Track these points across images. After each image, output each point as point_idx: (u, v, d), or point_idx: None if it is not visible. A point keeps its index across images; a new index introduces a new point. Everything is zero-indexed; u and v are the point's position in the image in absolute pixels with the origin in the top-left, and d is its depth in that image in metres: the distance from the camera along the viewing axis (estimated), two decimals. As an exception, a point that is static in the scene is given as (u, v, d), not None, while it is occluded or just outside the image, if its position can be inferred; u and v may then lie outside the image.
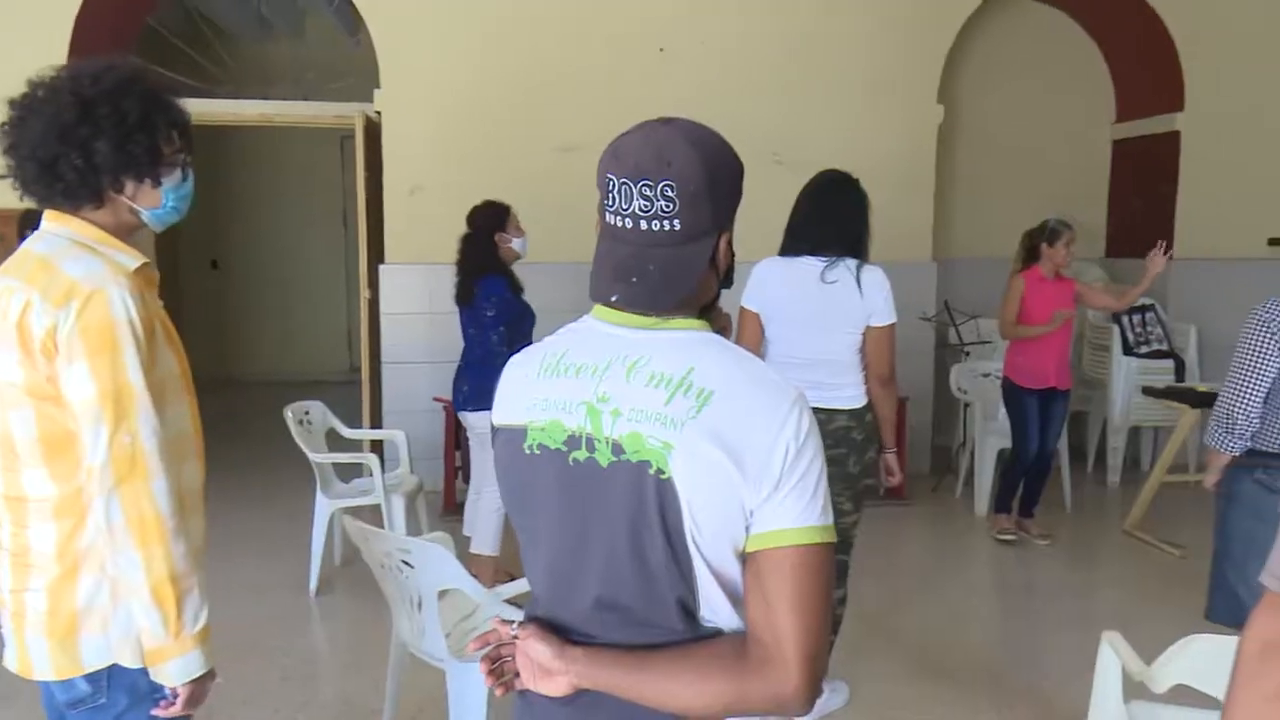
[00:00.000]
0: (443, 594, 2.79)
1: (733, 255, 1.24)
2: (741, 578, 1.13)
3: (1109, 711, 2.31)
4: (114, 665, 1.59)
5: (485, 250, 3.96)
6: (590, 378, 1.17)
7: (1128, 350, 6.08)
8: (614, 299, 1.18)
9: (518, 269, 4.11)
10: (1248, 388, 2.59)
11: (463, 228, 4.05)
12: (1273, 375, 2.56)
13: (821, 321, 2.89)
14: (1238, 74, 6.28)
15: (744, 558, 1.12)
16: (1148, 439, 6.44)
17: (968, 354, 5.93)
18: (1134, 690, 2.25)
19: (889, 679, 3.49)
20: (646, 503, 1.10)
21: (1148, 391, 5.43)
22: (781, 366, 2.93)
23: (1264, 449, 2.57)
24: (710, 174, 1.14)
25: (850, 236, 2.91)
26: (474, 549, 4.05)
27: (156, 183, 1.63)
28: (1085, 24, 6.81)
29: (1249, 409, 2.60)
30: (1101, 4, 6.51)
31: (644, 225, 1.15)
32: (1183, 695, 2.10)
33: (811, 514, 1.10)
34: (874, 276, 2.88)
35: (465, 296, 3.98)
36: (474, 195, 4.17)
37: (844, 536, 3.05)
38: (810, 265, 2.90)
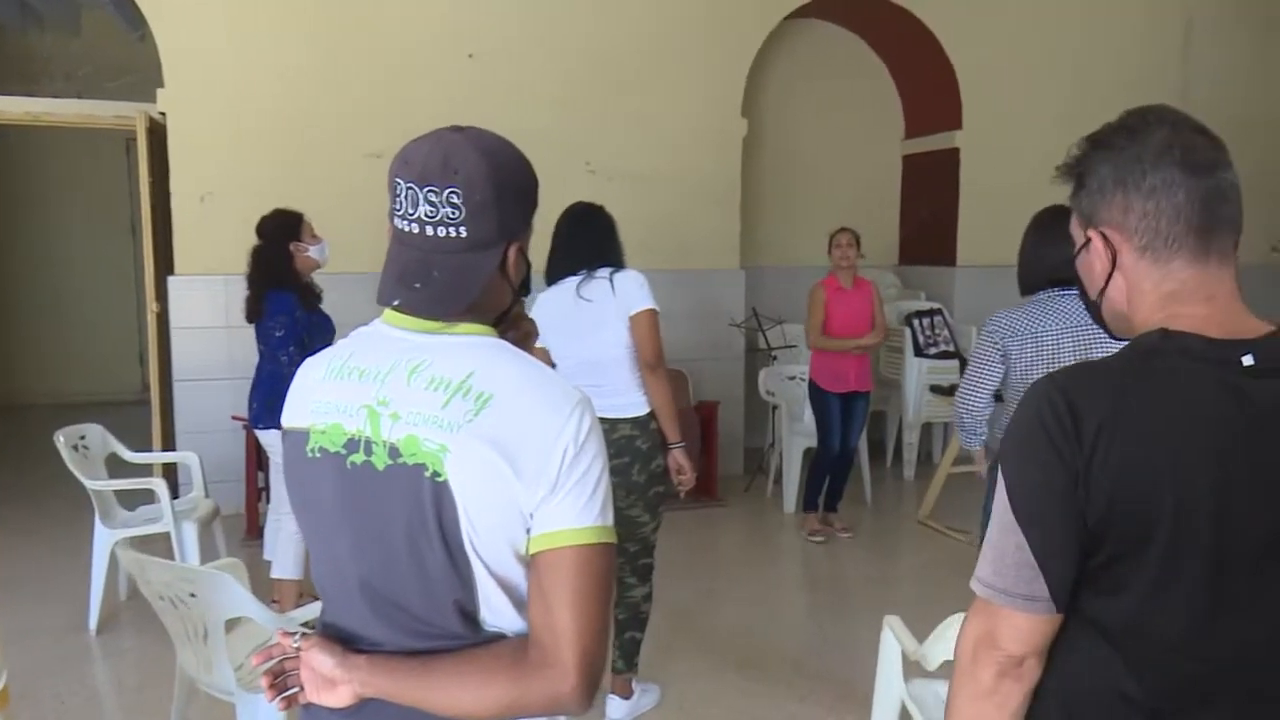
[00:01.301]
0: (234, 624, 2.64)
1: (528, 264, 1.26)
2: (525, 580, 1.14)
3: (891, 690, 2.45)
4: None
5: (277, 262, 3.77)
6: (372, 381, 1.17)
7: (919, 352, 6.49)
8: (397, 303, 1.18)
9: (323, 276, 3.95)
10: (973, 391, 2.92)
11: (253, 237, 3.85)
12: (993, 379, 2.86)
13: (586, 324, 2.99)
14: (1007, 97, 6.86)
15: (528, 560, 1.13)
16: (939, 434, 6.91)
17: (775, 358, 6.18)
18: (917, 669, 2.40)
19: (698, 676, 3.58)
20: (423, 506, 1.11)
21: (935, 390, 5.83)
22: (571, 378, 3.01)
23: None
24: (499, 183, 1.16)
25: (599, 257, 3.03)
26: (275, 574, 3.85)
27: None
28: (875, 46, 7.26)
29: (973, 409, 2.93)
30: (888, 28, 6.96)
31: (430, 231, 1.15)
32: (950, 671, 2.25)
33: (589, 515, 1.11)
34: (627, 273, 3.01)
35: (254, 313, 3.78)
36: (274, 203, 3.98)
37: (643, 542, 3.11)
38: (565, 286, 3.05)
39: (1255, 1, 7.38)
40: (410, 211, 1.16)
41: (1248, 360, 1.07)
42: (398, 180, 1.16)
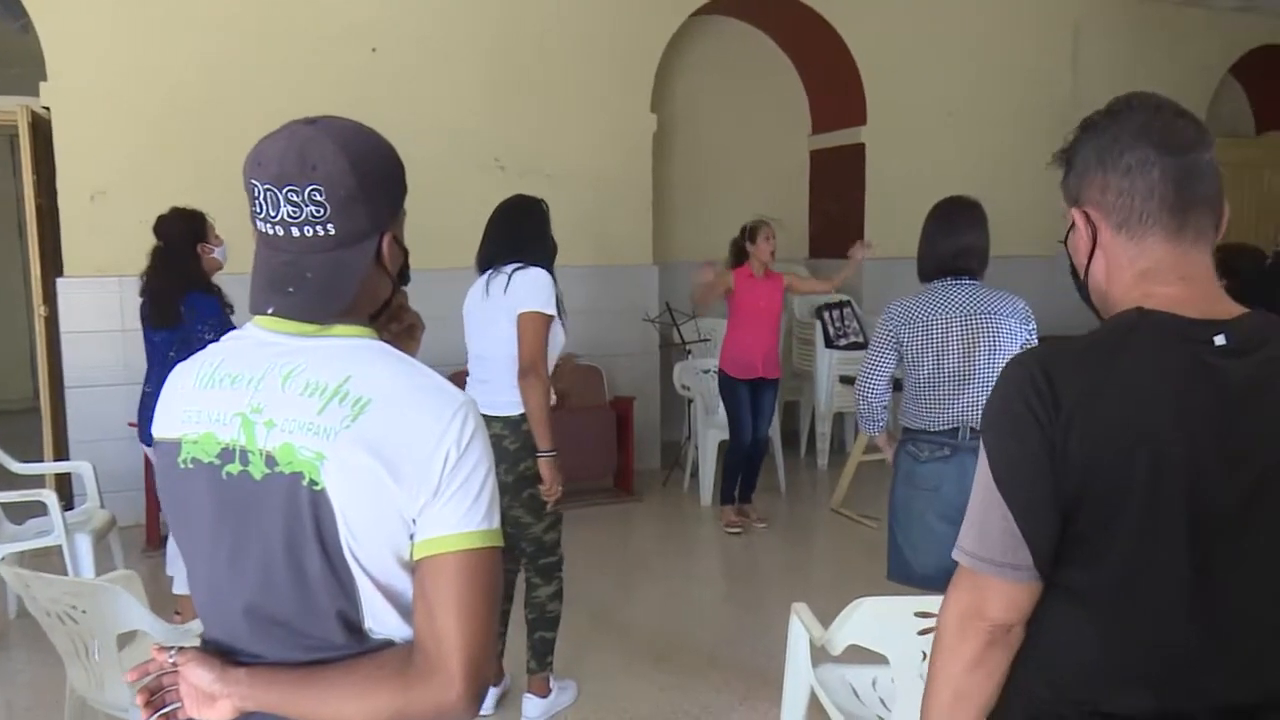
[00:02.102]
0: (131, 639, 2.54)
1: (405, 252, 1.22)
2: (411, 587, 1.12)
3: (799, 677, 2.49)
4: None
5: (186, 264, 3.63)
6: (245, 388, 1.13)
7: (829, 343, 6.62)
8: (270, 310, 1.14)
9: (221, 279, 3.81)
10: (867, 378, 2.98)
11: (151, 237, 3.70)
12: (888, 366, 2.93)
13: (485, 319, 3.02)
14: (909, 93, 7.03)
15: (412, 567, 1.11)
16: (851, 423, 7.05)
17: (689, 352, 6.22)
18: (826, 655, 2.44)
19: (615, 671, 3.58)
20: (301, 516, 1.08)
21: (845, 380, 5.94)
22: (470, 368, 3.08)
23: (911, 426, 2.91)
24: (361, 174, 1.12)
25: (528, 252, 3.02)
26: (176, 589, 3.71)
27: None
28: (781, 43, 7.36)
29: (870, 396, 2.98)
30: (793, 25, 7.06)
31: (296, 232, 1.11)
32: (861, 655, 2.29)
33: (473, 520, 1.09)
34: (527, 272, 2.95)
35: (170, 318, 3.61)
36: (169, 201, 3.82)
37: (537, 542, 3.06)
38: (483, 279, 3.08)
39: (1141, 7, 7.70)
40: (272, 214, 1.11)
41: (1220, 340, 1.11)
42: (254, 182, 1.12)
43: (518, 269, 2.97)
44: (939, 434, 2.87)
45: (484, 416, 3.03)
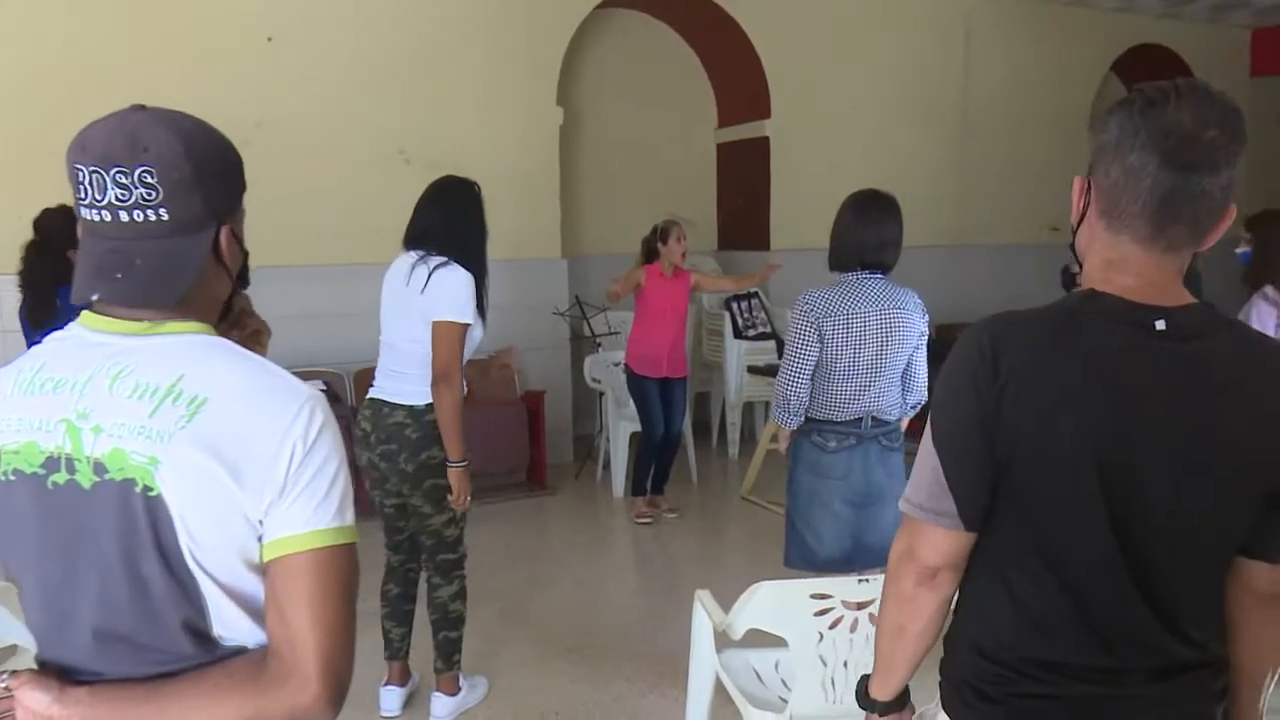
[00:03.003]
0: (10, 653, 2.43)
1: (244, 253, 1.18)
2: (263, 590, 1.08)
3: (704, 663, 2.54)
4: None
5: (62, 257, 3.49)
6: (70, 392, 1.07)
7: (738, 334, 6.71)
8: (95, 297, 1.08)
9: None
10: (796, 372, 2.93)
11: (25, 231, 3.55)
12: (814, 358, 2.91)
13: (396, 310, 2.97)
14: (811, 87, 7.17)
15: (263, 569, 1.07)
16: (761, 412, 7.16)
17: (600, 345, 6.23)
18: (732, 640, 2.48)
19: (526, 665, 3.58)
20: (137, 524, 1.03)
21: (753, 370, 6.04)
22: (381, 353, 3.02)
23: (815, 416, 2.96)
24: (196, 160, 1.07)
25: (455, 235, 2.94)
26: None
27: None
28: (686, 36, 7.41)
29: (799, 390, 2.93)
30: (697, 20, 7.12)
31: (125, 216, 1.05)
32: (761, 638, 2.33)
33: (323, 517, 1.06)
34: (448, 275, 2.85)
35: (47, 310, 3.47)
36: (41, 196, 3.66)
37: (437, 537, 3.02)
38: (408, 258, 2.96)
39: (1027, 6, 8.00)
40: (98, 198, 1.05)
41: (1160, 325, 1.18)
42: (78, 167, 1.05)
43: (441, 266, 2.86)
44: (845, 424, 2.93)
45: (390, 404, 2.97)
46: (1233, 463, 1.19)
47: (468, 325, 2.84)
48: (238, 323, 1.21)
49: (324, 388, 5.41)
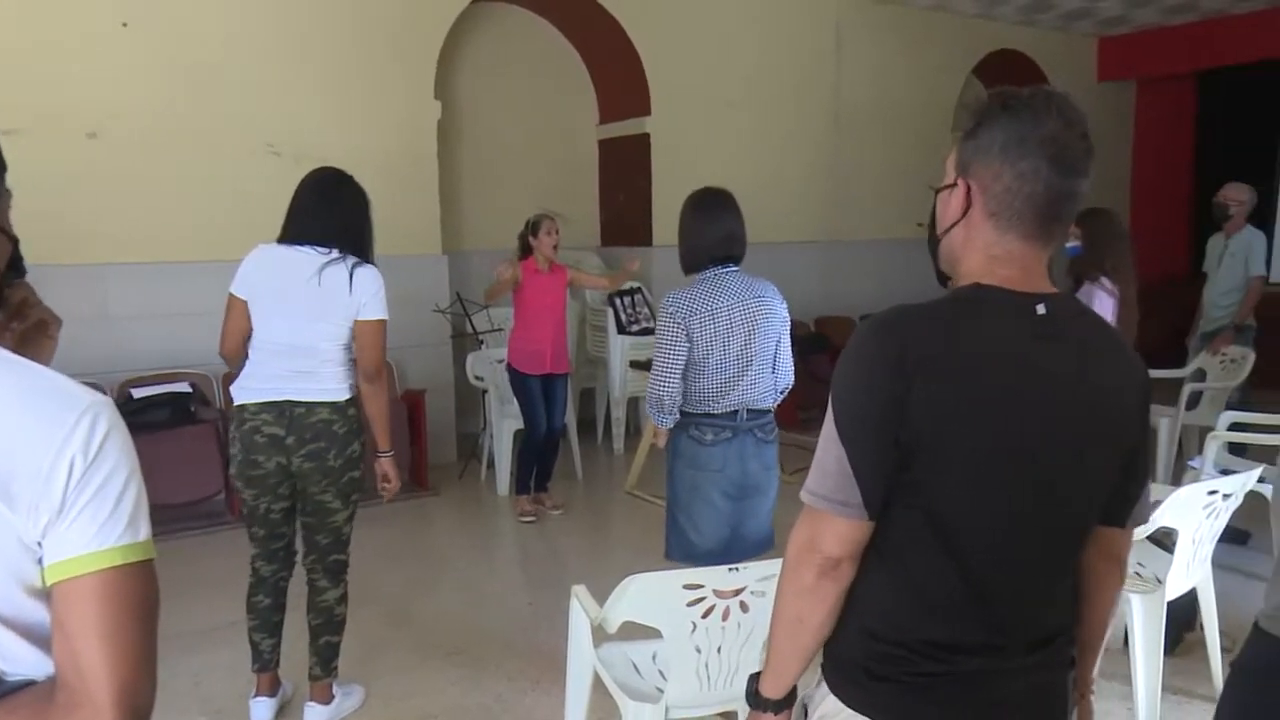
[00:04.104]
0: None
1: (13, 240, 1.08)
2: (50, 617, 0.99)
3: (582, 658, 2.55)
4: None
5: None
6: None
7: (621, 330, 6.76)
8: None
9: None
10: (667, 372, 2.98)
11: None
12: (684, 356, 2.96)
13: (309, 311, 2.85)
14: (690, 85, 7.27)
15: (48, 594, 0.98)
16: (645, 407, 7.22)
17: (483, 343, 6.17)
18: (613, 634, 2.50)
19: (406, 669, 3.53)
20: None
21: (636, 365, 6.09)
22: (263, 355, 2.87)
23: (693, 410, 3.01)
24: None
25: (354, 232, 2.90)
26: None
27: None
28: (566, 32, 7.40)
29: (671, 389, 2.99)
30: (576, 15, 7.12)
31: None
32: (640, 631, 2.36)
33: (111, 534, 0.98)
34: (367, 273, 2.88)
35: None
36: None
37: (335, 534, 3.02)
38: (309, 255, 2.85)
39: (892, 10, 8.30)
40: None
41: (1041, 309, 1.26)
42: None
43: (358, 265, 2.86)
44: (721, 417, 2.99)
45: (309, 403, 2.90)
46: (1104, 437, 1.29)
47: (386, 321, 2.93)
48: (18, 313, 1.10)
49: (190, 389, 5.20)
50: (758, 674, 1.40)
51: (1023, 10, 8.59)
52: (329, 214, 2.86)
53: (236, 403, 2.91)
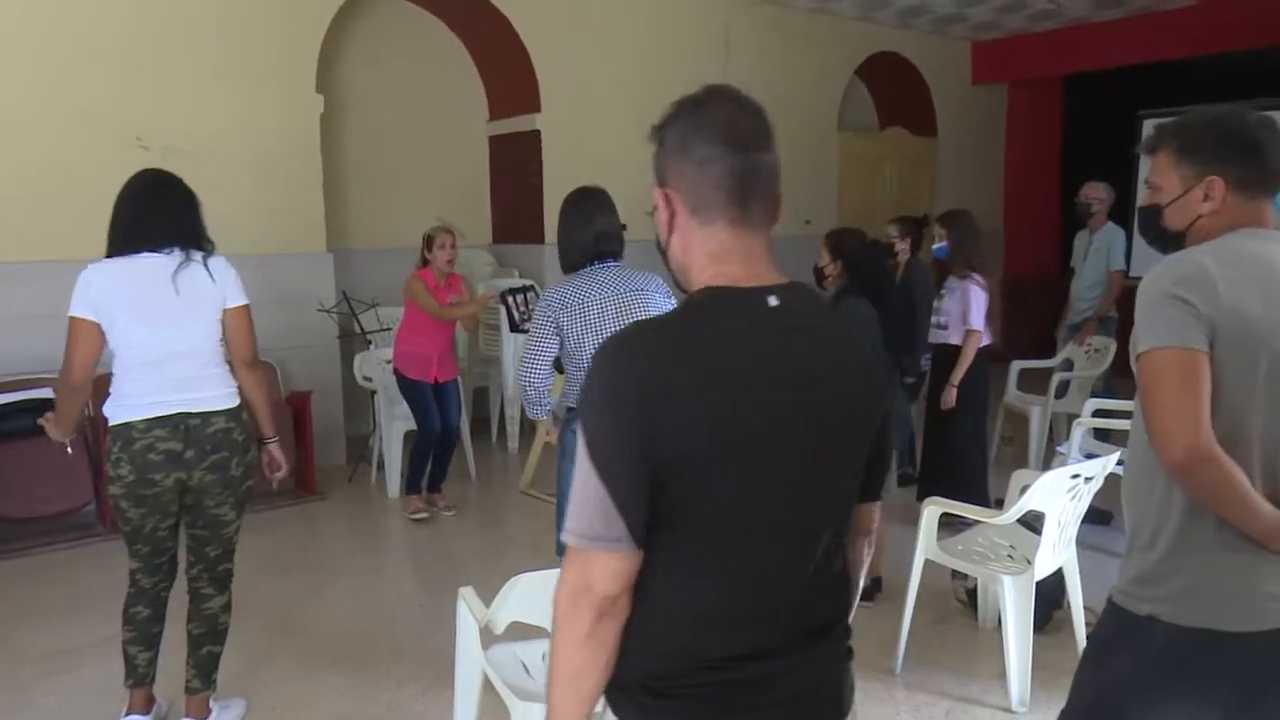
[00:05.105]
0: None
1: None
2: None
3: (471, 660, 2.53)
4: None
5: None
6: None
7: (514, 328, 6.64)
8: None
9: None
10: (531, 365, 3.05)
11: None
12: (551, 350, 3.01)
13: (177, 314, 2.74)
14: (581, 83, 7.25)
15: None
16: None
17: (371, 343, 6.04)
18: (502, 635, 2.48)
19: (292, 680, 3.43)
20: None
21: (529, 363, 6.05)
22: (137, 370, 2.74)
23: (575, 406, 3.02)
24: None
25: (190, 230, 2.82)
26: None
27: None
28: (453, 27, 7.30)
29: (536, 379, 3.05)
30: (464, 12, 7.03)
31: None
32: (531, 631, 2.34)
33: None
34: (221, 262, 2.86)
35: None
36: None
37: (225, 544, 2.95)
38: (155, 261, 2.73)
39: (777, 11, 8.46)
40: None
41: (773, 301, 1.25)
42: None
43: (207, 257, 2.81)
44: None
45: (203, 413, 2.84)
46: (856, 420, 1.31)
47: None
48: None
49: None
50: None
51: (900, 14, 8.87)
52: (162, 217, 2.78)
53: (117, 422, 2.75)
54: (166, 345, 2.73)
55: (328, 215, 6.21)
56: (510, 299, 6.79)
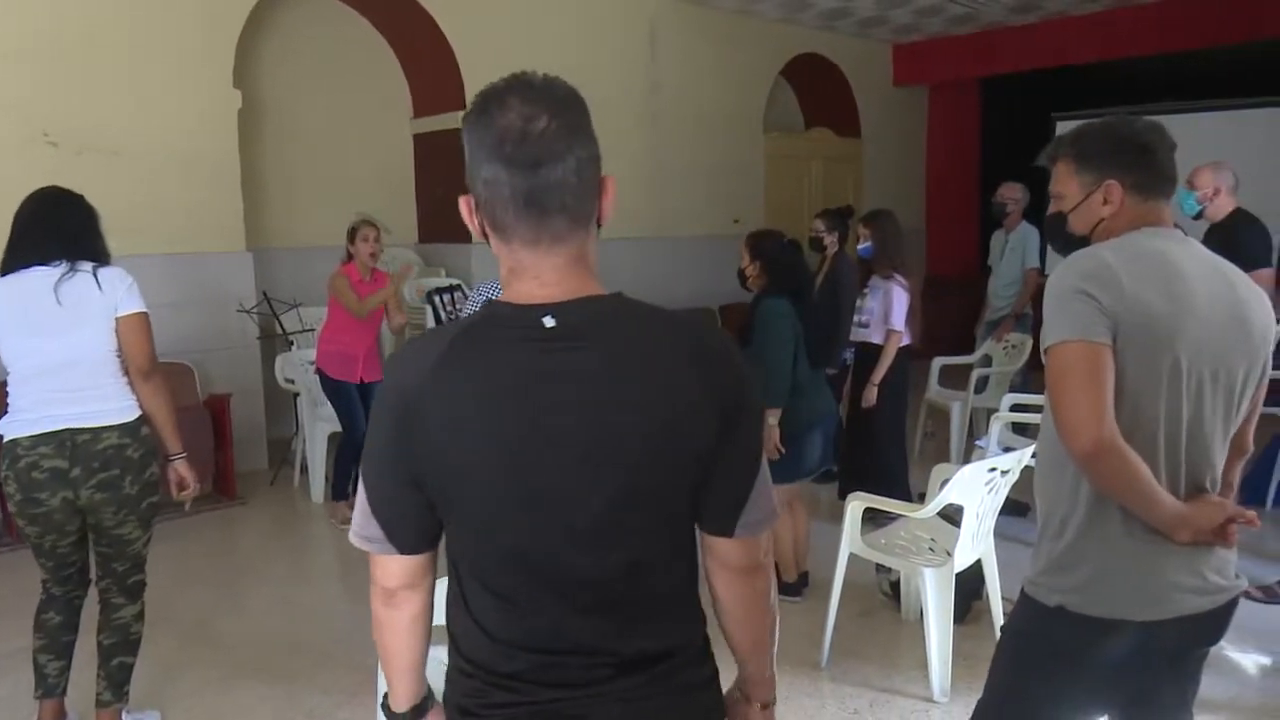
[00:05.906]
0: None
1: None
2: None
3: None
4: None
5: None
6: None
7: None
8: None
9: None
10: None
11: None
12: None
13: (63, 324, 2.66)
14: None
15: None
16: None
17: (293, 343, 5.91)
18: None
19: (210, 690, 3.33)
20: None
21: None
22: (28, 383, 2.67)
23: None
24: None
25: (85, 245, 2.74)
26: None
27: None
28: (376, 23, 7.17)
29: None
30: (386, 8, 6.91)
31: None
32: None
33: None
34: (113, 271, 2.76)
35: None
36: None
37: (134, 559, 2.86)
38: (43, 273, 2.68)
39: (701, 12, 8.51)
40: None
41: (549, 322, 1.17)
42: None
43: (96, 267, 2.71)
44: None
45: (94, 429, 2.74)
46: (658, 442, 1.18)
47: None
48: None
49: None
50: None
51: (823, 16, 9.01)
52: (54, 232, 2.71)
53: (6, 438, 2.68)
54: (54, 355, 2.67)
55: (247, 213, 6.05)
56: (437, 298, 6.72)
